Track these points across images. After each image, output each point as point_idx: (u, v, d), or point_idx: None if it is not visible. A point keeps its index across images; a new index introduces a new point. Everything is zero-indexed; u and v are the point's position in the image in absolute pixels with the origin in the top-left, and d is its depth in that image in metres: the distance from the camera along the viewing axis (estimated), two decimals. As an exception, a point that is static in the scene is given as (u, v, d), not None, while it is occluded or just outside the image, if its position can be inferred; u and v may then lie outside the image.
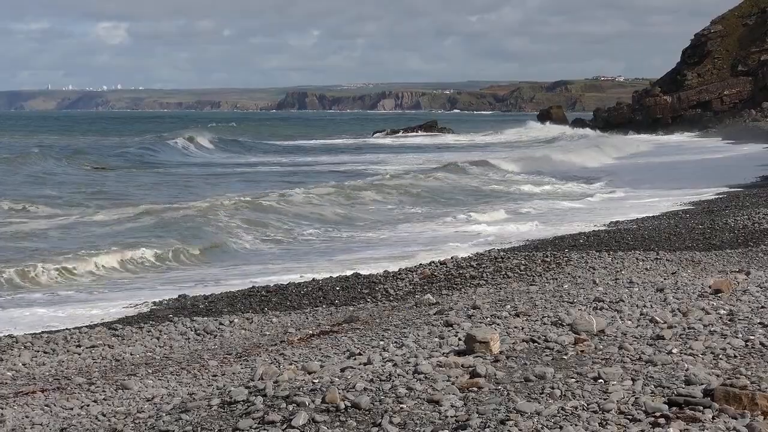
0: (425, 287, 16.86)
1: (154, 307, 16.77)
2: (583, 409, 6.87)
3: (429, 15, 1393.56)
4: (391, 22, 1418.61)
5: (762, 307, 10.40)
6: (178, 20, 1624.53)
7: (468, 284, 16.71)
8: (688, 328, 9.28)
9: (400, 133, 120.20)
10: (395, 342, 10.58)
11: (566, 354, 8.45)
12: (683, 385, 7.19)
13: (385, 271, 18.43)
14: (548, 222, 28.64)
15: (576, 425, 6.57)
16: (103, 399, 9.99)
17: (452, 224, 29.28)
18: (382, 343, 10.80)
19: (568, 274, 16.31)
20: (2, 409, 9.78)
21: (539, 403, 7.02)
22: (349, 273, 18.94)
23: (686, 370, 7.58)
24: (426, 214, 32.84)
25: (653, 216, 28.03)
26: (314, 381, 8.03)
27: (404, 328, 11.99)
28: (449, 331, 10.63)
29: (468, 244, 23.89)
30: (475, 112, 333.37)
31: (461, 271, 17.76)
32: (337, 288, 17.31)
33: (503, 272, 17.34)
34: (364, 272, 18.73)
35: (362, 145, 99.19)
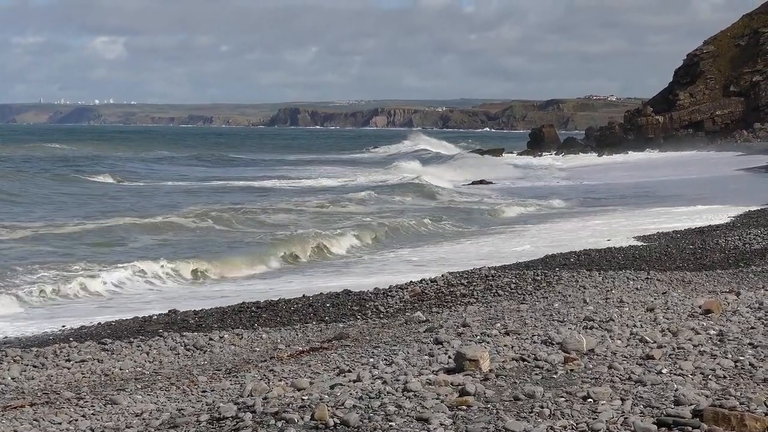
0: (415, 305, 16.85)
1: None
2: (572, 428, 6.87)
3: (429, 33, 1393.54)
4: (391, 39, 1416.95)
5: (752, 327, 10.41)
6: (177, 35, 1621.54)
7: (458, 302, 16.70)
8: (678, 348, 9.28)
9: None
10: (385, 359, 10.57)
11: (556, 373, 8.44)
12: (672, 406, 7.19)
13: (375, 288, 18.42)
14: None
15: (565, 444, 6.57)
16: (92, 414, 9.96)
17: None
18: (371, 360, 10.79)
19: (559, 292, 16.31)
20: (-10, 423, 9.76)
21: (528, 422, 7.02)
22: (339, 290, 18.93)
23: (675, 391, 7.57)
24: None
25: (644, 236, 28.07)
26: (303, 398, 8.01)
27: (394, 345, 11.98)
28: (439, 348, 10.62)
29: None
30: (468, 130, 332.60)
31: (452, 289, 17.75)
32: (328, 305, 17.28)
33: (494, 290, 17.34)
34: (354, 289, 18.72)
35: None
